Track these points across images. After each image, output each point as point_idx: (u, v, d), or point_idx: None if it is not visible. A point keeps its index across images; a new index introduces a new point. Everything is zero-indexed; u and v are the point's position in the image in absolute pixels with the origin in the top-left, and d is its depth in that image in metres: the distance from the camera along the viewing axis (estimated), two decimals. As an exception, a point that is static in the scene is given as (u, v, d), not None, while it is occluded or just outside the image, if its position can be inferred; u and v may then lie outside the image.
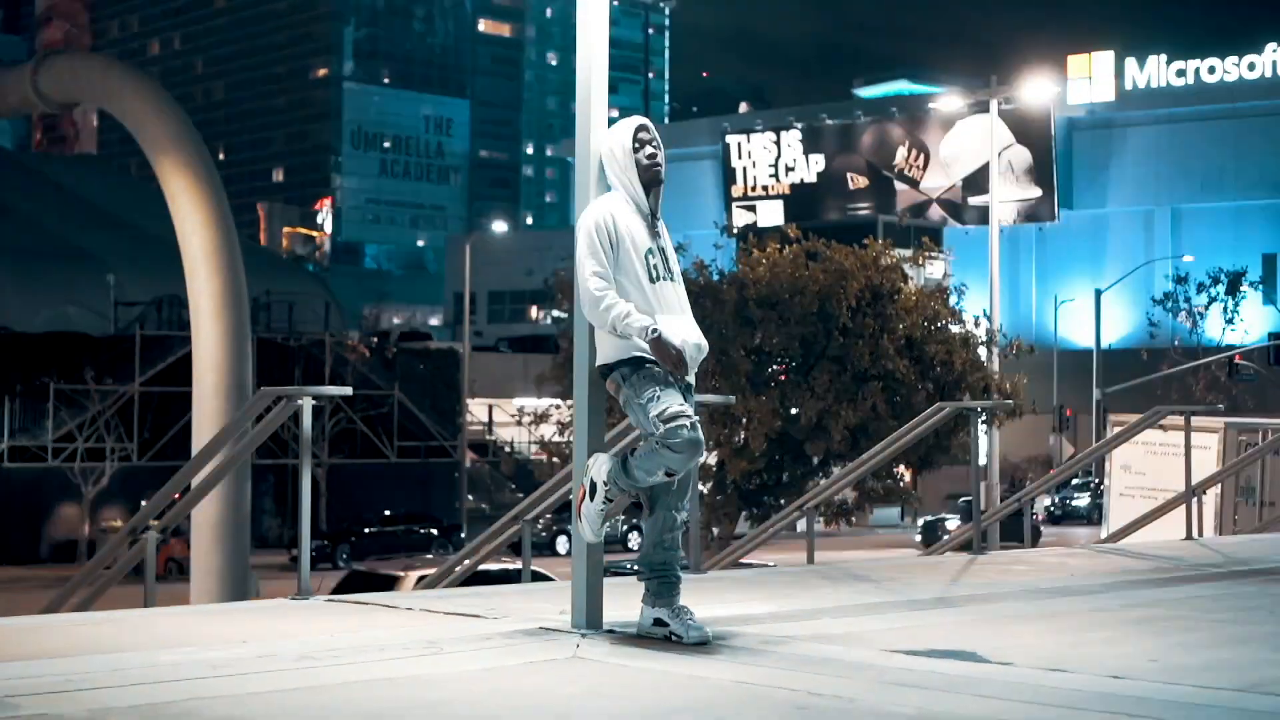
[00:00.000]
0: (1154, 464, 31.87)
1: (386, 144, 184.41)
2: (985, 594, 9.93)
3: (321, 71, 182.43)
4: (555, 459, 30.52)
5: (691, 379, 7.48)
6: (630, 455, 7.26)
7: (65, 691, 5.92)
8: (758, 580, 11.05)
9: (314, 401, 9.73)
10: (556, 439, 29.84)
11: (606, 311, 7.26)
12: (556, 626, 7.83)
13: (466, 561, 12.83)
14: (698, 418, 7.20)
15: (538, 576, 14.30)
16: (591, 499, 7.27)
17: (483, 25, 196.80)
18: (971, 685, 6.11)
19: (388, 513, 55.50)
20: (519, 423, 40.67)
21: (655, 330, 7.21)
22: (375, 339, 64.58)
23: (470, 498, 61.58)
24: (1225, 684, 6.14)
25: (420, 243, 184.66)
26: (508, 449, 65.27)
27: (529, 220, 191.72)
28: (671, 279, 7.66)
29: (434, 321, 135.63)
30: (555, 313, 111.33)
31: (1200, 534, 15.90)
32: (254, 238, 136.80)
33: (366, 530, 53.88)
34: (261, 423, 10.13)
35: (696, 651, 7.13)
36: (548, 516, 21.52)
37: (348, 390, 10.53)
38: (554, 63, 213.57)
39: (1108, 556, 12.87)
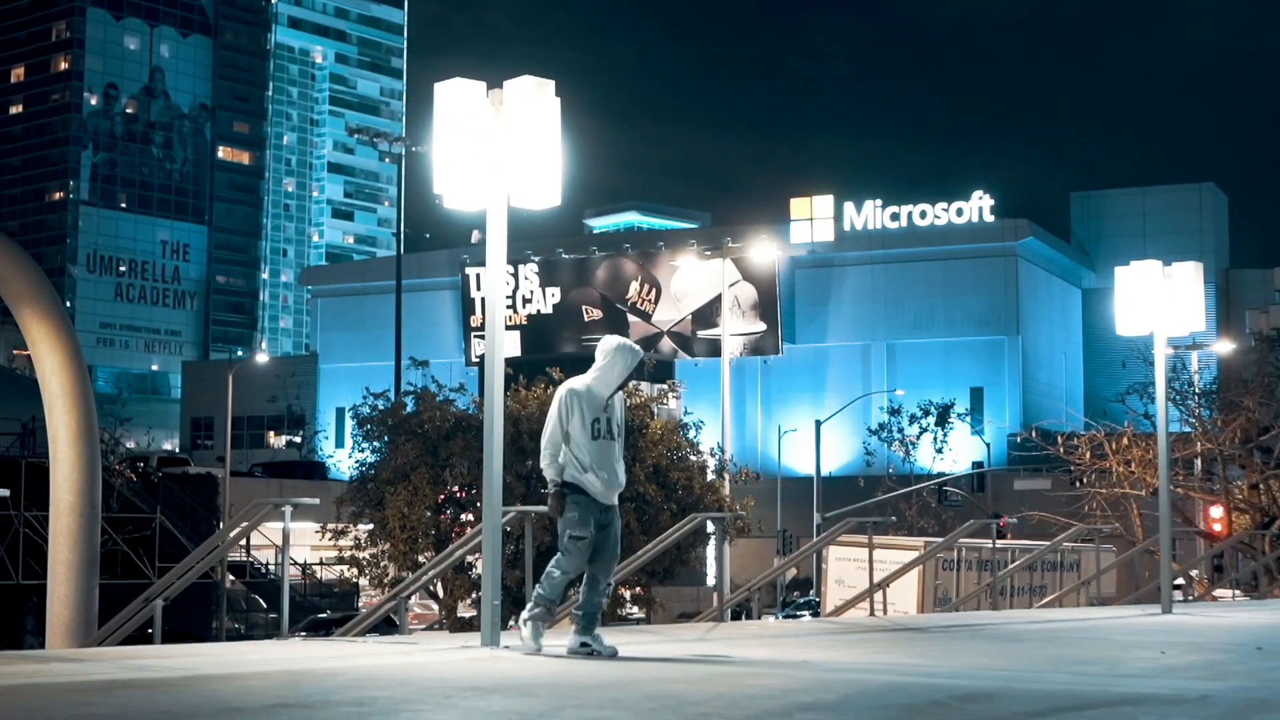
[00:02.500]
0: (862, 577, 36.67)
1: (122, 268, 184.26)
2: (729, 635, 14.86)
3: (57, 194, 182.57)
4: (354, 570, 34.80)
5: (613, 502, 12.30)
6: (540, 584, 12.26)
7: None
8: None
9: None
10: (356, 553, 33.97)
11: (547, 464, 12.20)
12: (473, 645, 12.72)
13: (367, 621, 17.61)
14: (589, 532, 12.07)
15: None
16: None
17: (222, 153, 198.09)
18: (711, 670, 10.83)
19: (149, 632, 58.19)
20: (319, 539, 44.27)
21: (555, 489, 12.12)
22: (142, 464, 67.30)
23: (227, 618, 64.18)
24: (857, 665, 11.02)
25: (154, 367, 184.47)
26: (263, 570, 68.19)
27: (264, 344, 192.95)
28: (612, 437, 12.13)
29: (167, 446, 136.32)
30: (295, 438, 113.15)
31: (884, 613, 21.20)
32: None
33: (130, 650, 56.54)
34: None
35: (573, 658, 11.88)
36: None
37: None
38: (290, 189, 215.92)
39: (812, 624, 18.01)
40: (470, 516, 31.91)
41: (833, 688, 10.01)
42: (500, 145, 12.87)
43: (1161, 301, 20.36)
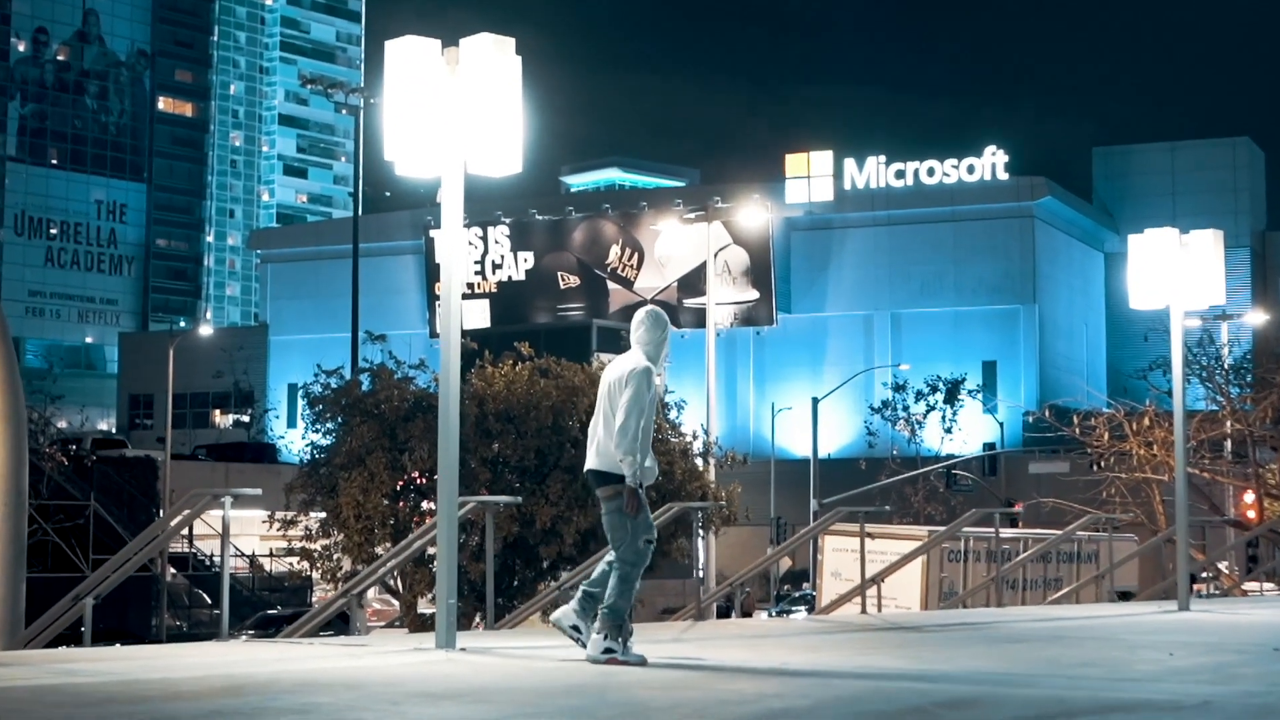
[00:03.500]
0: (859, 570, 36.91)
1: (53, 230, 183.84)
2: (707, 635, 15.15)
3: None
4: (305, 563, 35.05)
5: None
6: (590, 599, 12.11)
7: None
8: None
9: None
10: (307, 544, 34.20)
11: (630, 461, 11.92)
12: (426, 647, 12.99)
13: (317, 620, 17.84)
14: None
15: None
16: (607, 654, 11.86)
17: (163, 104, 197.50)
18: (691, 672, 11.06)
19: (83, 630, 58.35)
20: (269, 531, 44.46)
21: (638, 485, 11.87)
22: (74, 446, 67.40)
23: (167, 614, 64.39)
24: (838, 668, 11.25)
25: (89, 339, 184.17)
26: (207, 562, 68.38)
27: (208, 314, 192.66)
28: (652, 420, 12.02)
29: (103, 426, 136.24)
30: (243, 417, 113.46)
31: (878, 610, 21.51)
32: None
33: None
34: None
35: (525, 656, 12.12)
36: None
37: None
38: (238, 144, 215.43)
39: (797, 623, 18.31)
40: (431, 505, 32.15)
41: (809, 693, 10.27)
42: (456, 107, 13.06)
43: (1178, 272, 20.61)
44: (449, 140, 13.16)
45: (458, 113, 13.07)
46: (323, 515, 34.13)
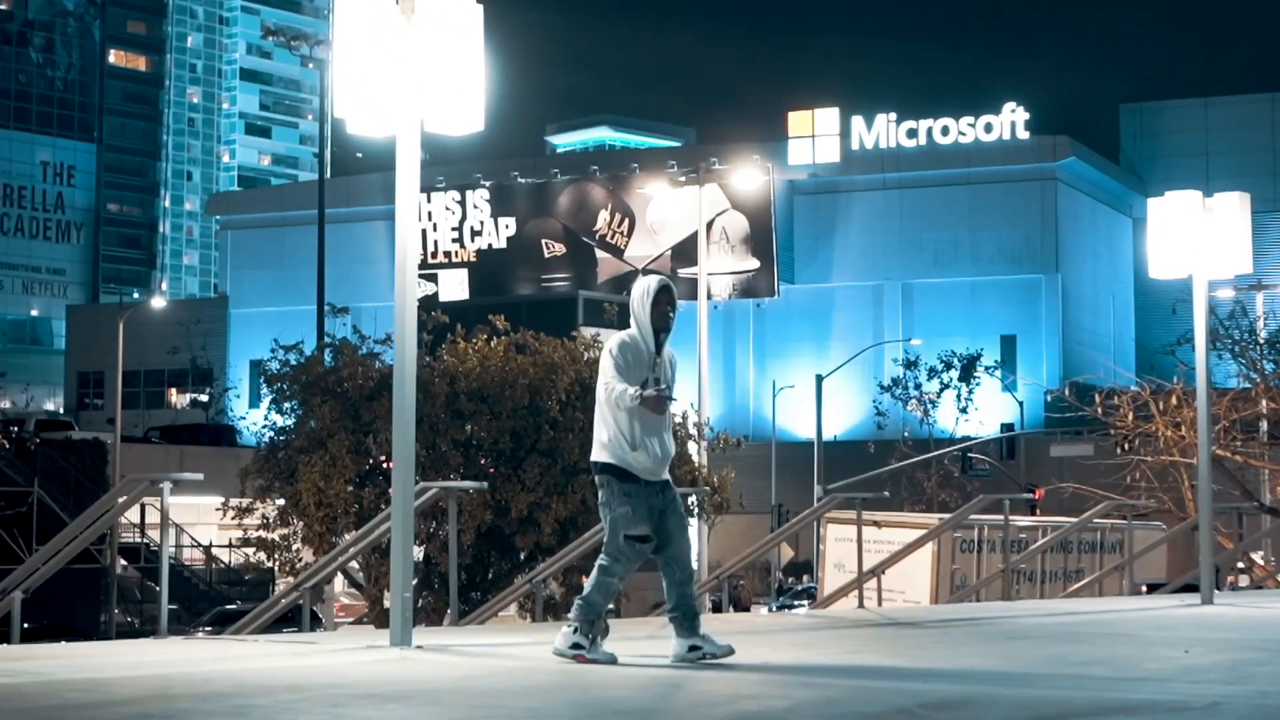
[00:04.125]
0: (866, 561, 37.03)
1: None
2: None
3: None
4: (261, 554, 35.08)
5: (666, 477, 11.96)
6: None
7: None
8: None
9: None
10: (264, 534, 34.24)
11: (619, 395, 11.69)
12: (380, 645, 13.02)
13: (267, 615, 17.87)
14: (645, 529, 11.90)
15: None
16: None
17: (114, 57, 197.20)
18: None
19: (26, 625, 58.42)
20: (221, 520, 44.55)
21: (638, 395, 11.65)
22: (15, 428, 67.39)
23: (117, 610, 64.34)
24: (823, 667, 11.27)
25: (34, 312, 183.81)
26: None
27: (164, 286, 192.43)
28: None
29: (50, 406, 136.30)
30: (201, 396, 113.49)
31: (879, 604, 21.57)
32: None
33: (-6, 650, 56.79)
34: None
35: (485, 654, 12.15)
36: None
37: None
38: (195, 100, 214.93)
39: (786, 619, 18.36)
40: (399, 491, 32.14)
41: (788, 693, 10.28)
42: (412, 60, 13.04)
43: (1201, 239, 20.59)
44: (404, 96, 13.14)
45: (414, 66, 13.05)
46: (281, 502, 34.16)
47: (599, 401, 12.09)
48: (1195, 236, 20.62)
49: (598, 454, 12.05)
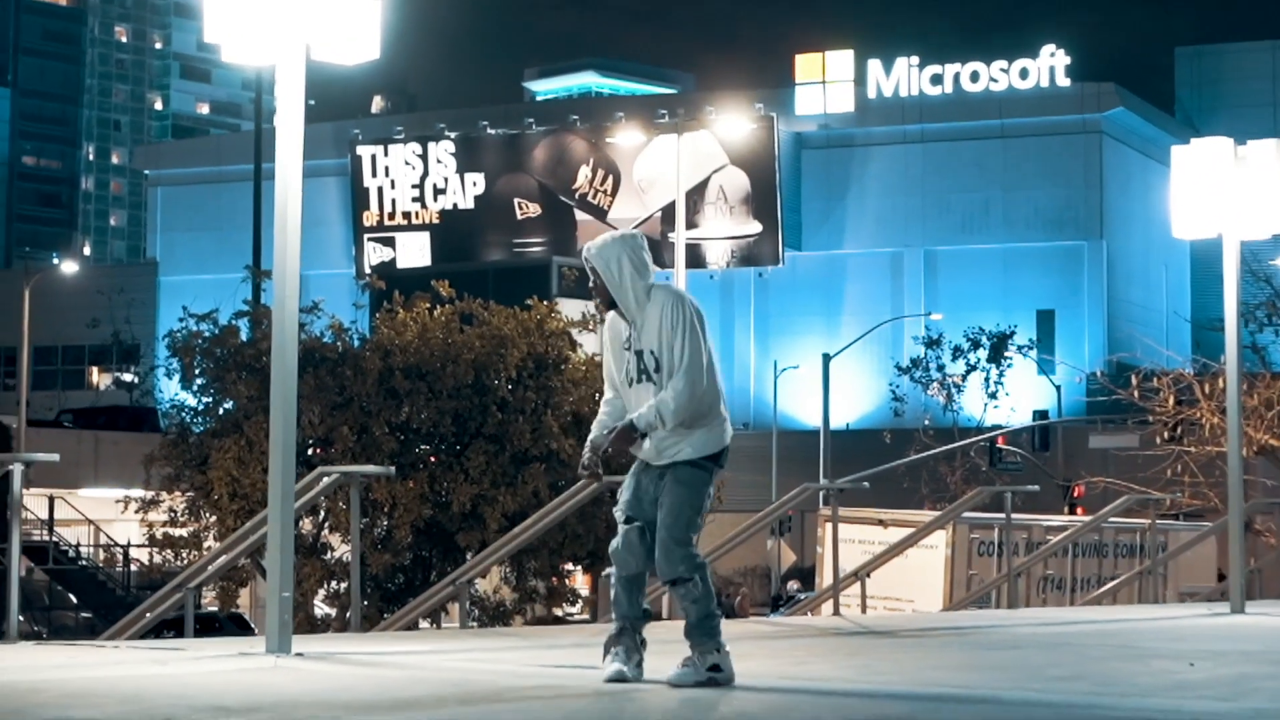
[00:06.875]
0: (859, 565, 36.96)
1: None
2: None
3: None
4: (168, 551, 34.93)
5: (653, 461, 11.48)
6: None
7: None
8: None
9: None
10: (171, 530, 34.12)
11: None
12: (255, 652, 12.98)
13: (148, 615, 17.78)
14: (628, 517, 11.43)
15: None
16: None
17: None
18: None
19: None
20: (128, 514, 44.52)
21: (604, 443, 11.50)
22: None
23: (21, 619, 64.34)
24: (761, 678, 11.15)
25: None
26: (71, 554, 68.32)
27: (87, 250, 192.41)
28: (644, 378, 11.49)
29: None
30: (125, 376, 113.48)
31: (863, 611, 21.44)
32: None
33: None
34: None
35: (372, 663, 12.02)
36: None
37: None
38: (124, 39, 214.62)
39: (743, 626, 18.23)
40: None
41: (704, 710, 10.12)
42: (293, -25, 12.90)
43: (1232, 193, 20.41)
44: (286, 16, 12.97)
45: (295, -19, 12.91)
46: (191, 494, 34.06)
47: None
48: (1226, 190, 20.44)
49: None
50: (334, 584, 33.55)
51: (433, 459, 33.10)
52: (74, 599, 67.08)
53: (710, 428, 11.43)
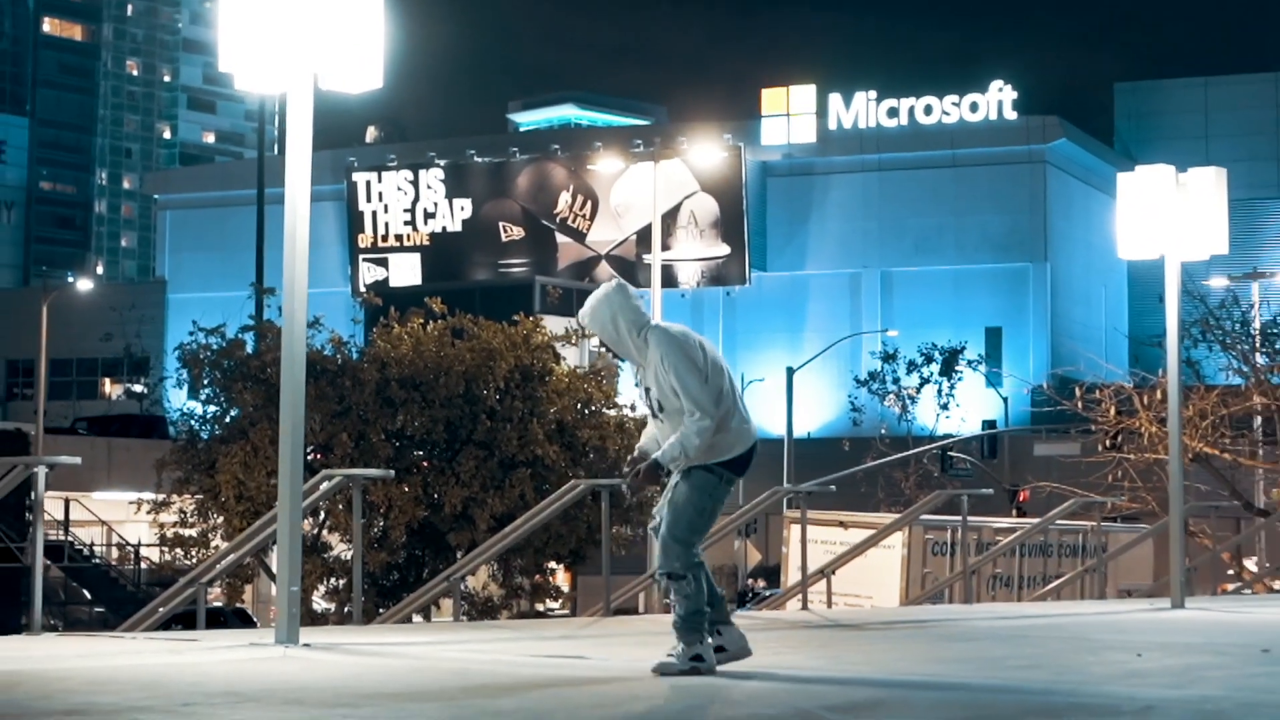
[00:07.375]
0: (824, 563, 36.96)
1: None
2: (604, 633, 15.01)
3: None
4: (179, 550, 34.88)
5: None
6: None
7: None
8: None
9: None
10: (181, 530, 34.08)
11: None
12: (265, 642, 13.06)
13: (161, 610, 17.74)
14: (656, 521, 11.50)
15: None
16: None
17: (48, 25, 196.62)
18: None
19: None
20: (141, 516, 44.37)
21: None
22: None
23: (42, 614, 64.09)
24: (734, 669, 11.08)
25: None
26: (86, 552, 68.21)
27: (100, 269, 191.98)
28: (654, 414, 11.47)
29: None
30: (136, 386, 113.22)
31: (829, 606, 21.43)
32: None
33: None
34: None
35: (376, 653, 12.04)
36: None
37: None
38: (135, 73, 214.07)
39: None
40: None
41: (688, 695, 10.08)
42: (304, 9, 12.82)
43: (1174, 217, 20.41)
44: (295, 48, 12.92)
45: (306, 14, 12.83)
46: (199, 496, 33.99)
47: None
48: (1167, 215, 20.44)
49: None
50: (332, 580, 33.55)
51: (426, 464, 33.13)
52: (88, 594, 66.88)
53: (724, 435, 11.35)
